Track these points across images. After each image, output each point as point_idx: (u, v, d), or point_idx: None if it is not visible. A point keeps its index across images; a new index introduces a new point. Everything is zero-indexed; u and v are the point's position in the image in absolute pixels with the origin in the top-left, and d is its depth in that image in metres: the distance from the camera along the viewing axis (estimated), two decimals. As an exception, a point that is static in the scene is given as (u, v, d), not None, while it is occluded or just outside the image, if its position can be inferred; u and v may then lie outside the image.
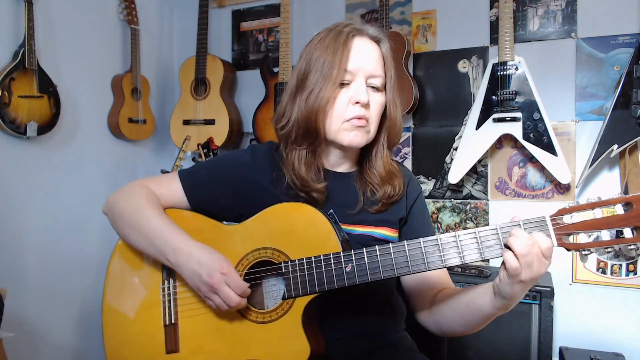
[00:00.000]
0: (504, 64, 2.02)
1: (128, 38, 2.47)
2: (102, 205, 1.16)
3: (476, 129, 2.08)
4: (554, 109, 2.08)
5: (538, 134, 1.98)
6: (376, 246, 0.93)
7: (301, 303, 0.98)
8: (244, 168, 1.14)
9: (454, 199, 2.31)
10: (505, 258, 0.85)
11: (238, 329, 1.02)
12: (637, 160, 1.94)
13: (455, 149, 2.28)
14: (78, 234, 2.30)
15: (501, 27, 2.03)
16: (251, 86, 2.69)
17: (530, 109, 1.99)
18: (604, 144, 1.88)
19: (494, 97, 2.04)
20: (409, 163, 2.39)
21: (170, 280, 1.09)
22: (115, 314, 1.12)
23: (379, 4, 2.26)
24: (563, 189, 2.12)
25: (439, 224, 2.34)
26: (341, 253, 0.95)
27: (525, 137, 2.00)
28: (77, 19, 2.29)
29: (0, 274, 1.95)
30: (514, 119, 2.00)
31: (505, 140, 2.19)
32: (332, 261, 0.95)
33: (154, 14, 2.77)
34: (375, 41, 1.07)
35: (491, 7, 2.23)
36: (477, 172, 2.26)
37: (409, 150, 2.40)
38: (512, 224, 0.87)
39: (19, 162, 2.05)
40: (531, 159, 2.14)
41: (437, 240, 0.90)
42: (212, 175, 1.15)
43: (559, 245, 0.85)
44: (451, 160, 2.29)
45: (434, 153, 2.35)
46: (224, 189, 1.13)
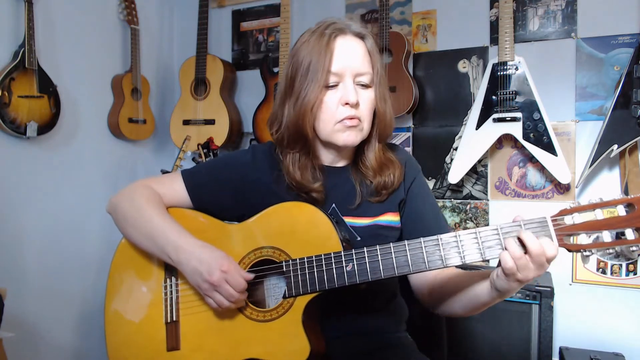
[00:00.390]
0: (504, 64, 2.02)
1: (128, 38, 2.47)
2: (106, 205, 1.17)
3: (476, 129, 2.08)
4: (554, 109, 2.08)
5: (538, 134, 1.98)
6: (377, 246, 0.93)
7: (302, 302, 0.98)
8: (244, 168, 1.15)
9: (454, 199, 2.31)
10: (501, 257, 0.85)
11: (239, 327, 1.02)
12: (637, 160, 1.94)
13: (455, 149, 2.28)
14: (78, 234, 2.30)
15: (501, 27, 2.03)
16: (251, 86, 2.69)
17: (530, 109, 1.99)
18: (604, 144, 1.88)
19: (494, 97, 2.04)
20: (409, 163, 2.38)
21: (172, 278, 1.10)
22: (117, 311, 1.12)
23: (379, 4, 2.26)
24: (563, 189, 2.12)
25: (439, 224, 2.34)
26: (342, 252, 0.96)
27: (525, 137, 2.00)
28: (77, 19, 2.29)
29: (0, 274, 1.95)
30: (514, 119, 2.00)
31: (505, 140, 2.19)
32: (333, 260, 0.96)
33: (154, 14, 2.77)
34: (360, 37, 1.07)
35: (491, 7, 2.23)
36: (477, 172, 2.26)
37: (409, 150, 2.40)
38: (513, 225, 0.87)
39: (19, 162, 2.05)
40: (531, 159, 2.14)
41: (438, 240, 0.90)
42: (213, 175, 1.16)
43: (560, 245, 0.85)
44: (451, 160, 2.29)
45: (434, 153, 2.35)
46: (224, 189, 1.14)
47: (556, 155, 1.96)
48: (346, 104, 1.03)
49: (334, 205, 1.10)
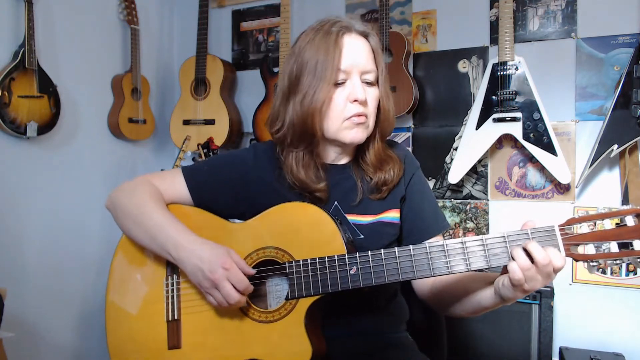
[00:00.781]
0: (504, 64, 2.02)
1: (128, 38, 2.47)
2: (105, 201, 1.16)
3: (476, 129, 2.08)
4: (554, 109, 2.08)
5: (538, 134, 1.98)
6: (381, 250, 0.93)
7: (304, 304, 0.98)
8: (245, 166, 1.14)
9: (454, 199, 2.31)
10: (510, 269, 0.85)
11: (240, 327, 1.02)
12: (637, 160, 1.94)
13: (455, 149, 2.28)
14: (78, 234, 2.30)
15: (501, 27, 2.03)
16: (251, 86, 2.69)
17: (530, 109, 1.99)
18: (604, 144, 1.88)
19: (494, 97, 2.04)
20: (409, 163, 2.39)
21: (174, 276, 1.09)
22: (118, 309, 1.12)
23: (379, 4, 2.26)
24: (563, 189, 2.12)
25: (439, 224, 2.34)
26: (346, 255, 0.95)
27: (525, 137, 2.00)
28: (77, 19, 2.29)
29: (0, 274, 1.95)
30: (514, 119, 2.00)
31: (505, 140, 2.19)
32: (337, 263, 0.95)
33: (154, 14, 2.77)
34: (364, 36, 1.07)
35: (491, 7, 2.23)
36: (477, 172, 2.26)
37: (410, 150, 2.39)
38: (521, 232, 0.86)
39: (19, 162, 2.05)
40: (531, 159, 2.14)
41: (444, 246, 0.90)
42: (214, 172, 1.15)
43: (567, 255, 0.84)
44: (451, 160, 2.29)
45: (434, 153, 2.35)
46: (225, 186, 1.14)
47: (556, 155, 1.96)
48: (354, 100, 1.03)
49: (336, 203, 1.10)
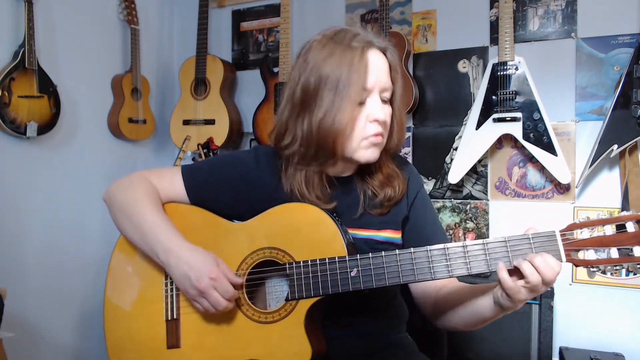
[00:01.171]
0: (504, 64, 2.02)
1: (128, 38, 2.47)
2: (103, 193, 1.16)
3: (476, 129, 2.08)
4: (554, 109, 2.08)
5: (538, 134, 1.98)
6: (382, 252, 0.92)
7: (304, 305, 0.98)
8: (245, 168, 1.13)
9: (454, 199, 2.31)
10: (500, 277, 0.85)
11: (240, 327, 1.02)
12: (637, 160, 1.94)
13: (455, 149, 2.28)
14: (78, 234, 2.30)
15: (501, 27, 2.03)
16: (251, 86, 2.69)
17: (530, 109, 1.99)
18: (604, 144, 1.88)
19: (494, 97, 2.04)
20: (409, 163, 2.38)
21: None
22: (116, 308, 1.12)
23: (379, 4, 2.26)
24: (563, 189, 2.12)
25: (439, 224, 2.34)
26: (346, 257, 0.94)
27: (525, 137, 1.99)
28: (77, 19, 2.29)
29: (0, 274, 1.95)
30: (514, 119, 2.00)
31: (505, 140, 2.19)
32: (337, 265, 0.94)
33: (154, 14, 2.77)
34: (383, 52, 1.02)
35: (491, 7, 2.23)
36: (477, 172, 2.26)
37: (409, 150, 2.40)
38: (521, 237, 0.86)
39: (19, 162, 2.05)
40: (531, 159, 2.14)
41: (444, 249, 0.89)
42: (214, 173, 1.14)
43: (568, 261, 0.84)
44: (451, 160, 2.29)
45: (434, 153, 2.35)
46: (224, 187, 1.13)
47: (556, 155, 1.96)
48: (374, 120, 0.99)
49: (336, 215, 1.08)
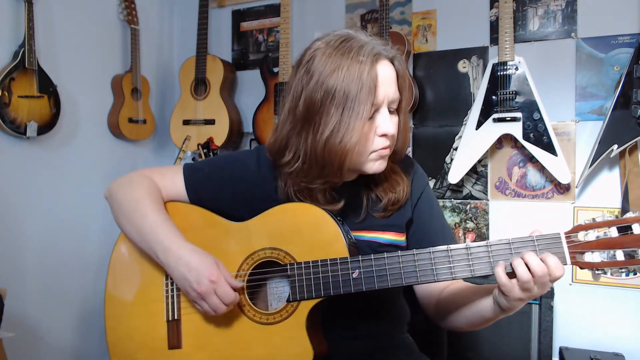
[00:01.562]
0: (504, 64, 2.02)
1: (128, 38, 2.47)
2: (104, 191, 1.15)
3: (476, 129, 2.08)
4: (554, 109, 2.08)
5: (538, 134, 1.98)
6: (384, 253, 0.92)
7: (306, 306, 0.97)
8: (247, 170, 1.12)
9: (454, 199, 2.31)
10: (494, 272, 0.85)
11: (241, 328, 1.02)
12: (637, 160, 1.94)
13: (455, 149, 2.28)
14: (78, 234, 2.30)
15: (501, 27, 2.03)
16: (251, 86, 2.69)
17: (530, 109, 1.99)
18: (604, 144, 1.88)
19: (494, 97, 2.04)
20: (409, 163, 2.38)
21: None
22: (117, 306, 1.11)
23: (379, 4, 2.26)
24: (563, 189, 2.12)
25: (439, 224, 2.34)
26: (348, 258, 0.94)
27: (525, 137, 1.99)
28: (77, 19, 2.29)
29: (0, 274, 1.95)
30: (514, 119, 2.00)
31: (505, 140, 2.19)
32: (339, 266, 0.94)
33: (154, 14, 2.76)
34: (391, 61, 0.98)
35: (491, 7, 2.23)
36: (477, 172, 2.26)
37: (409, 150, 2.40)
38: (526, 239, 0.85)
39: (19, 162, 2.05)
40: (531, 159, 2.14)
41: (447, 251, 0.89)
42: (214, 172, 1.14)
43: (573, 263, 0.84)
44: (451, 160, 2.29)
45: (434, 153, 2.35)
46: (224, 187, 1.12)
47: (556, 155, 1.96)
48: (383, 135, 0.96)
49: (339, 218, 1.08)
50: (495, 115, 2.03)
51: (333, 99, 0.92)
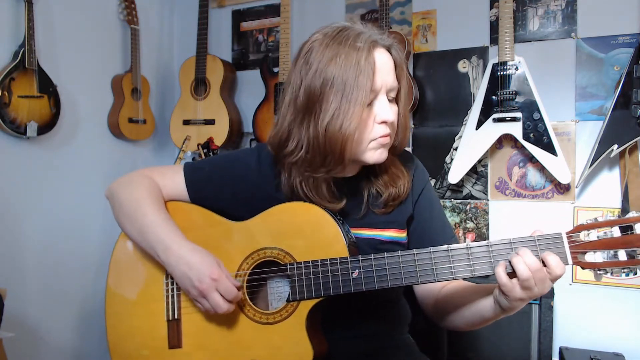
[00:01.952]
0: (504, 64, 2.02)
1: (128, 38, 2.47)
2: (105, 190, 1.15)
3: (476, 129, 2.08)
4: (554, 109, 2.08)
5: (538, 134, 1.98)
6: (384, 253, 0.92)
7: (306, 306, 0.97)
8: (248, 170, 1.12)
9: (454, 199, 2.31)
10: (495, 271, 0.85)
11: (241, 328, 1.02)
12: (637, 160, 1.94)
13: (455, 149, 2.28)
14: (78, 234, 2.30)
15: (501, 27, 2.03)
16: (251, 86, 2.69)
17: (530, 109, 1.99)
18: (604, 144, 1.88)
19: (494, 97, 2.04)
20: (409, 163, 2.39)
21: None
22: (117, 305, 1.11)
23: (379, 4, 2.26)
24: (563, 189, 2.12)
25: (439, 224, 2.34)
26: (348, 258, 0.94)
27: (525, 137, 1.99)
28: (77, 19, 2.29)
29: (0, 274, 1.95)
30: (514, 119, 2.00)
31: (505, 140, 2.19)
32: (339, 266, 0.94)
33: (154, 14, 2.77)
34: (388, 50, 0.99)
35: (491, 7, 2.23)
36: (477, 172, 2.26)
37: (409, 150, 2.40)
38: (527, 239, 0.85)
39: (19, 162, 2.05)
40: (531, 159, 2.14)
41: (448, 251, 0.88)
42: (215, 173, 1.14)
43: (574, 263, 0.83)
44: (451, 160, 2.29)
45: (434, 153, 2.35)
46: (224, 187, 1.12)
47: (556, 155, 1.96)
48: (383, 122, 0.97)
49: (339, 215, 1.08)
50: (495, 115, 2.03)
51: (332, 86, 0.93)
